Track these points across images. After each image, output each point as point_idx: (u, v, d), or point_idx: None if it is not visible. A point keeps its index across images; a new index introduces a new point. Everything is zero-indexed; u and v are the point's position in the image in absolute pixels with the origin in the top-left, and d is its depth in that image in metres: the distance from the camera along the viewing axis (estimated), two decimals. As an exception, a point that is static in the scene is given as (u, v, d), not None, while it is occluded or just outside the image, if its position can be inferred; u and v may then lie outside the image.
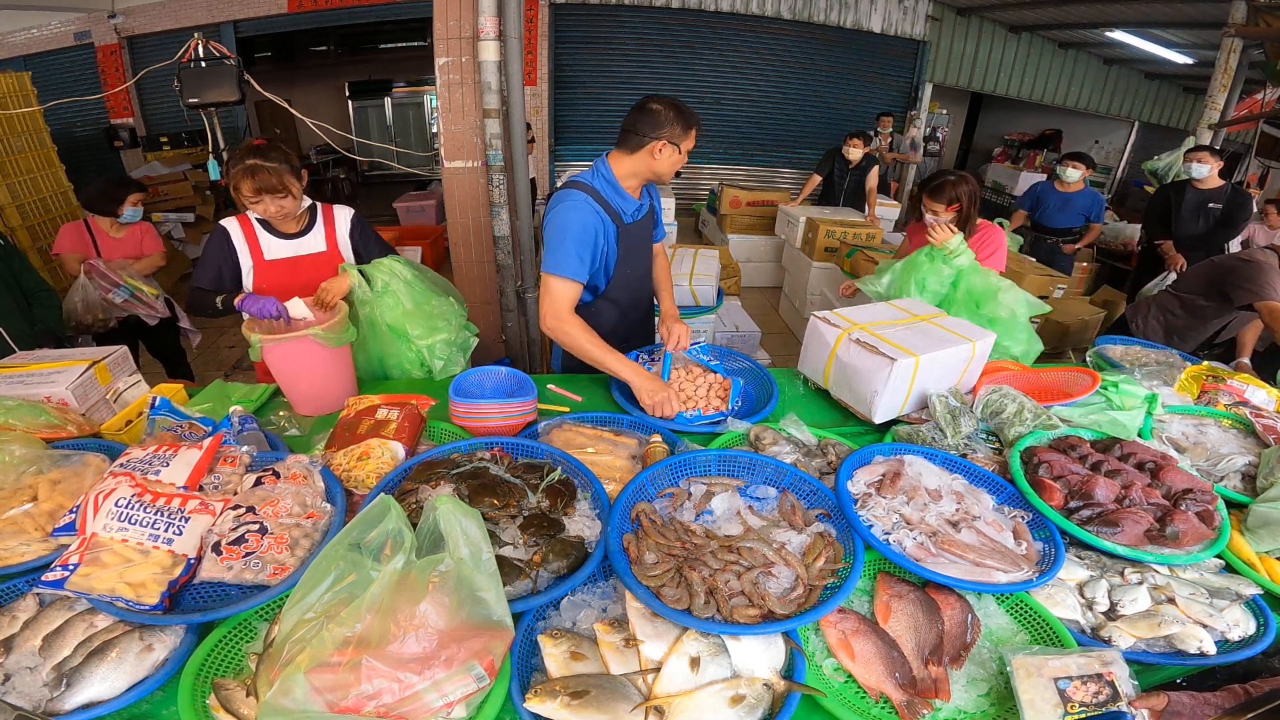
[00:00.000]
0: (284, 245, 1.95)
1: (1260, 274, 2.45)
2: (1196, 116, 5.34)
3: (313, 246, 1.99)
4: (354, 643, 0.80)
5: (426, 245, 5.90)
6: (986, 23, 8.29)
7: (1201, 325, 2.80)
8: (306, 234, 1.98)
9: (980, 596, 1.13)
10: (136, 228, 3.23)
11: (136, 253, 3.19)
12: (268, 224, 1.93)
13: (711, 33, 7.70)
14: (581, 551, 1.13)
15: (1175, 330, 2.85)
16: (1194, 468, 1.51)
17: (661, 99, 1.68)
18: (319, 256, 2.00)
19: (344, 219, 2.06)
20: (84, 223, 3.09)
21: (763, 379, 1.87)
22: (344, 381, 1.74)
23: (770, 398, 1.74)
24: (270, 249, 1.93)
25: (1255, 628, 1.12)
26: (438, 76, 2.97)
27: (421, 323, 1.90)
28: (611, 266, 1.84)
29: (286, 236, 1.95)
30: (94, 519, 1.05)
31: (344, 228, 2.05)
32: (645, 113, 1.66)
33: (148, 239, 3.27)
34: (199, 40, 3.92)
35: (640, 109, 1.67)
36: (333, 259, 2.02)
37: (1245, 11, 4.84)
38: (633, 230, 1.84)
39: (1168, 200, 4.13)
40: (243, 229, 1.91)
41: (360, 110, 10.68)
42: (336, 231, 2.04)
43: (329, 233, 2.02)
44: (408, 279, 1.91)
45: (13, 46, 7.07)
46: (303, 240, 1.98)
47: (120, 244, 3.14)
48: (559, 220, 1.69)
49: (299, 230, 1.97)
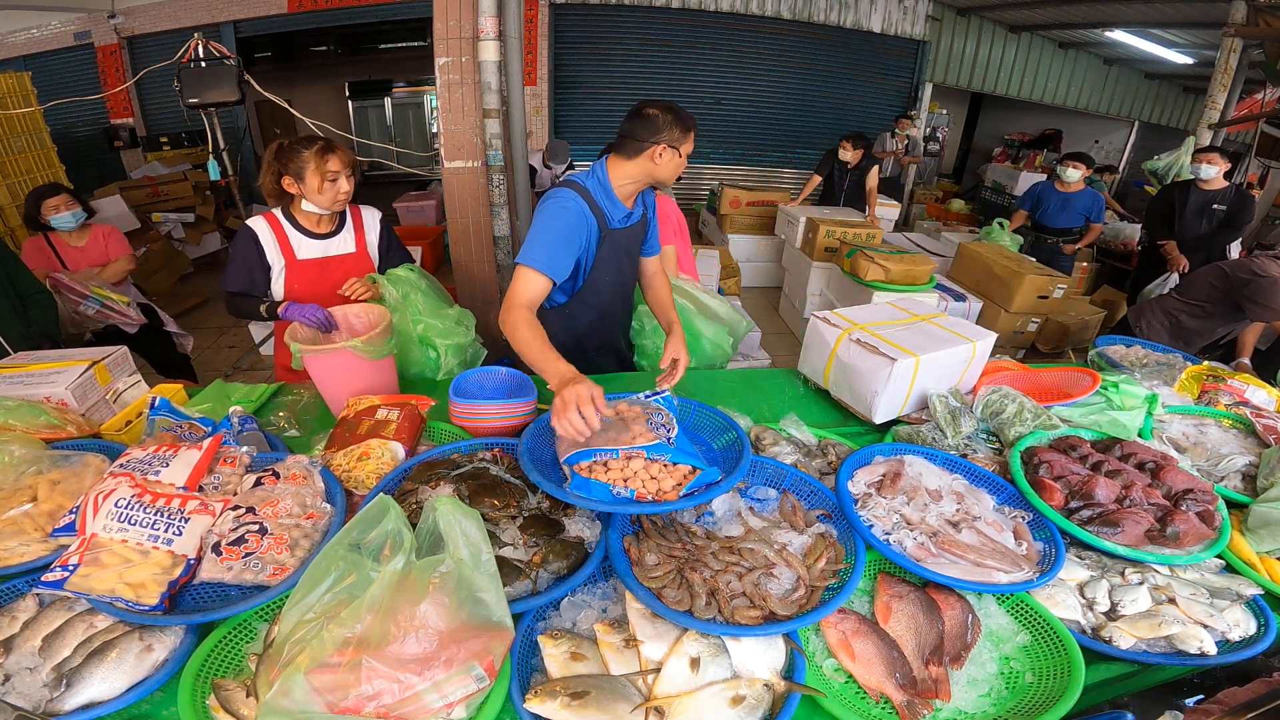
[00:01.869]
0: (314, 245, 1.93)
1: (1277, 289, 2.47)
2: (1196, 116, 5.34)
3: (342, 247, 1.98)
4: (354, 643, 0.80)
5: (426, 245, 5.89)
6: (986, 23, 8.29)
7: (1209, 332, 2.81)
8: (336, 235, 1.96)
9: (981, 597, 1.13)
10: (98, 233, 3.05)
11: (103, 259, 3.01)
12: (296, 223, 1.91)
13: (711, 33, 7.70)
14: (581, 552, 1.13)
15: (1182, 335, 2.85)
16: (1194, 468, 1.51)
17: (657, 103, 1.67)
18: (348, 258, 1.99)
19: (373, 221, 2.06)
20: (43, 236, 2.93)
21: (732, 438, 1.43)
22: (387, 389, 1.70)
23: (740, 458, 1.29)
24: (301, 248, 1.91)
25: (1256, 628, 1.12)
26: (438, 76, 2.97)
27: (442, 327, 1.92)
28: (589, 269, 1.80)
29: (317, 236, 1.93)
30: (94, 519, 1.05)
31: (373, 231, 2.05)
32: (642, 118, 1.64)
33: (112, 243, 3.08)
34: (199, 40, 3.93)
35: (636, 114, 1.65)
36: (362, 260, 2.01)
37: (1245, 11, 4.84)
38: (617, 236, 1.79)
39: (1171, 200, 4.13)
40: (272, 229, 1.88)
41: (360, 110, 10.67)
42: (366, 234, 2.03)
43: (359, 235, 2.02)
44: (423, 289, 1.93)
45: (13, 46, 7.07)
46: (332, 241, 1.96)
47: (84, 253, 2.98)
48: (543, 214, 1.68)
49: (330, 230, 1.95)
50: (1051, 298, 4.20)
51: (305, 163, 1.79)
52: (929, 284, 4.06)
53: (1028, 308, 4.21)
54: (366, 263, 2.04)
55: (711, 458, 1.36)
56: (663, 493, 1.15)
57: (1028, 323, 4.29)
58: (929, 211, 8.39)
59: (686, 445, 1.25)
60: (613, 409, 1.32)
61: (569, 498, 1.13)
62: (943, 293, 4.22)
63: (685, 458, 1.20)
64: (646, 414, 1.30)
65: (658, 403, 1.38)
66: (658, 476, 1.17)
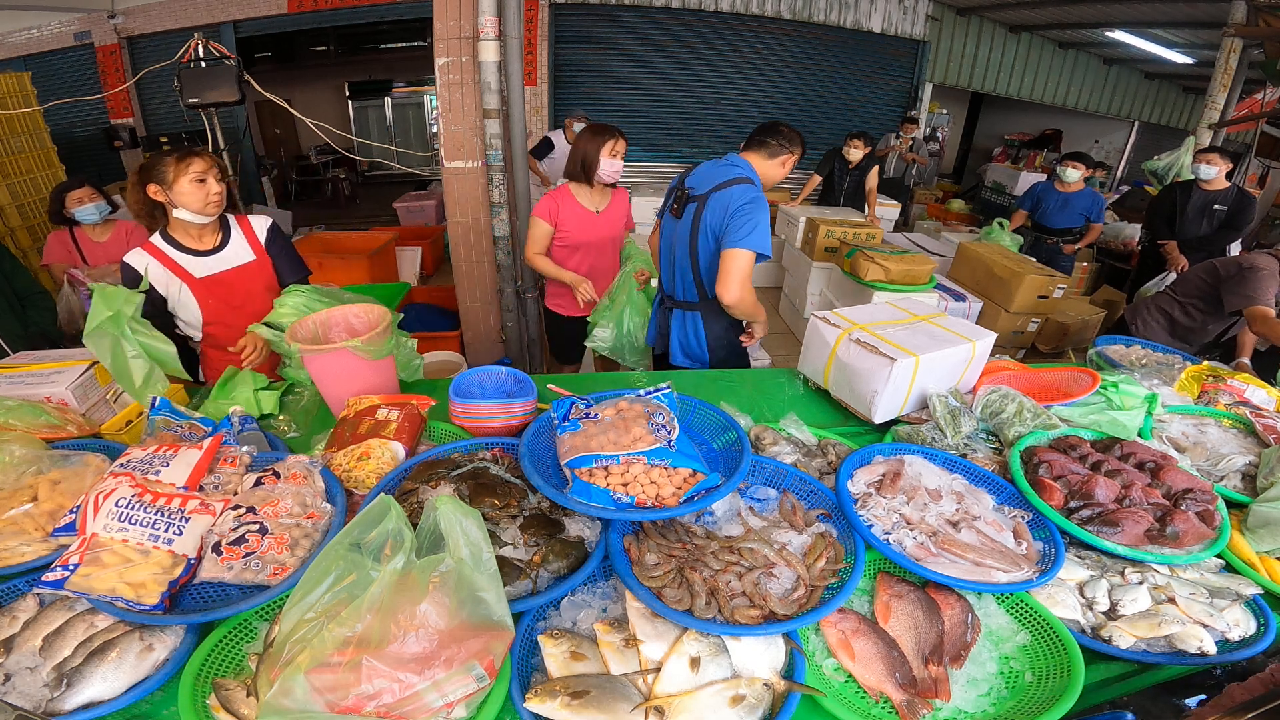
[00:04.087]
0: (206, 263, 1.85)
1: (1255, 278, 2.45)
2: (1196, 116, 5.34)
3: (239, 258, 1.92)
4: (354, 643, 0.80)
5: (426, 245, 5.89)
6: (986, 23, 8.29)
7: (1203, 329, 2.80)
8: (225, 247, 1.90)
9: (980, 596, 1.13)
10: (121, 229, 3.07)
11: (122, 255, 3.06)
12: (178, 244, 1.83)
13: (711, 33, 7.70)
14: (581, 552, 1.13)
15: (1178, 332, 2.84)
16: (1194, 467, 1.51)
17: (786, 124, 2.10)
18: (250, 266, 1.93)
19: (263, 227, 1.99)
20: (68, 230, 2.97)
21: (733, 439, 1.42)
22: (387, 389, 1.69)
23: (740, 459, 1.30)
24: (193, 267, 1.84)
25: (1255, 627, 1.12)
26: (438, 76, 2.97)
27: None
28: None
29: (204, 254, 1.86)
30: (94, 519, 1.05)
31: (263, 233, 1.98)
32: (781, 129, 2.08)
33: (135, 240, 3.04)
34: (199, 40, 3.93)
35: (777, 125, 2.08)
36: (264, 267, 1.95)
37: (1245, 11, 4.84)
38: None
39: (1173, 200, 4.13)
40: (152, 255, 1.80)
41: (360, 110, 10.68)
42: (259, 237, 1.97)
43: (252, 240, 1.95)
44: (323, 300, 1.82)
45: (13, 46, 7.07)
46: (224, 254, 1.89)
47: (105, 248, 3.01)
48: (760, 208, 1.96)
49: (216, 245, 1.89)
50: (1051, 298, 4.20)
51: (166, 168, 1.73)
52: (929, 284, 4.06)
53: (1028, 308, 4.21)
54: (269, 268, 1.98)
55: (711, 458, 1.36)
56: (662, 499, 1.16)
57: (1028, 323, 4.29)
58: (929, 211, 8.38)
59: (687, 447, 1.25)
60: (614, 407, 1.32)
61: (570, 503, 1.14)
62: (943, 293, 4.22)
63: (686, 461, 1.20)
64: (648, 413, 1.30)
65: (659, 400, 1.38)
66: (658, 481, 1.17)
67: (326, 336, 1.74)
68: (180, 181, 1.74)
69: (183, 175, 1.74)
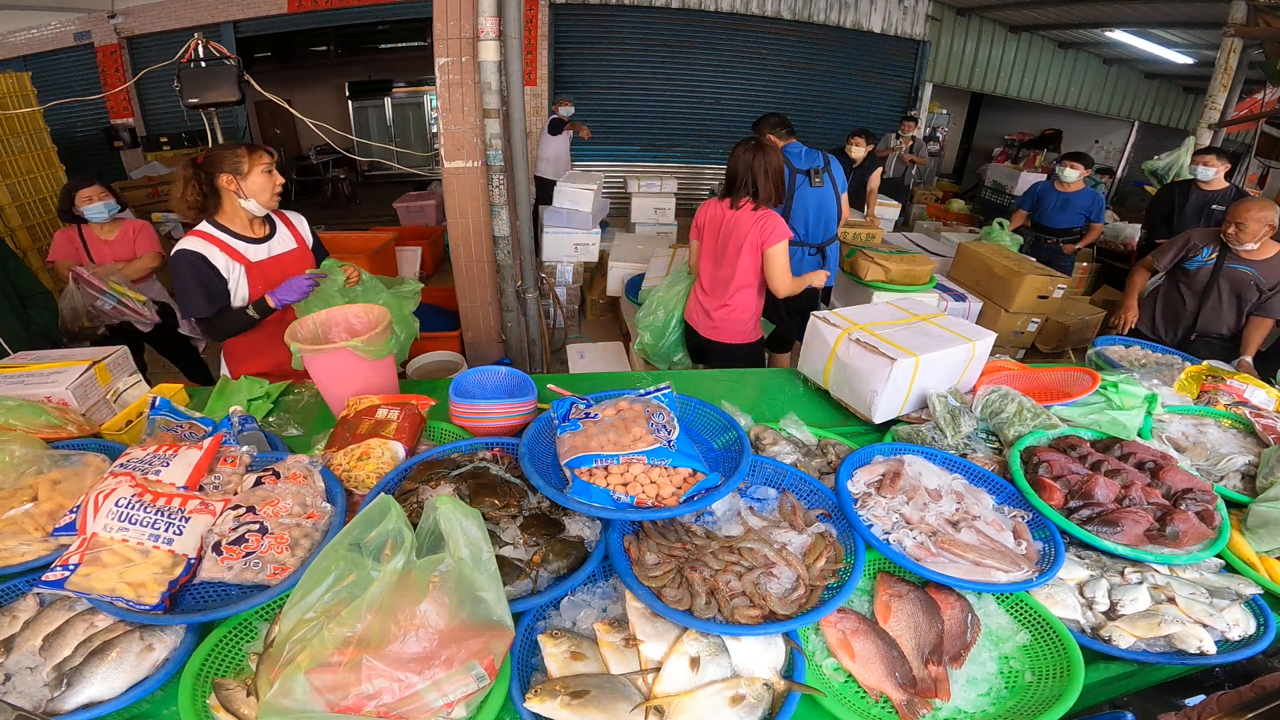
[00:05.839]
0: (259, 249, 1.96)
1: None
2: (1196, 116, 5.34)
3: (285, 245, 2.04)
4: (354, 643, 0.80)
5: (426, 245, 5.89)
6: (986, 23, 8.30)
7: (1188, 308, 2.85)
8: (273, 236, 2.02)
9: (980, 596, 1.13)
10: (129, 228, 3.07)
11: (130, 254, 3.03)
12: (231, 232, 1.90)
13: (711, 33, 7.71)
14: (581, 551, 1.13)
15: (1168, 313, 2.92)
16: (1194, 467, 1.51)
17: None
18: (294, 253, 2.05)
19: (301, 222, 2.15)
20: (76, 228, 2.97)
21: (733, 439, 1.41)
22: (387, 389, 1.68)
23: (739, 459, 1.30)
24: (249, 253, 1.93)
25: (1255, 627, 1.13)
26: (438, 76, 2.97)
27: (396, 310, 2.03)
28: None
29: (257, 241, 1.96)
30: (94, 519, 1.05)
31: (304, 226, 2.14)
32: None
33: (142, 239, 3.08)
34: (199, 40, 3.92)
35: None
36: (304, 254, 2.08)
37: (1245, 11, 4.84)
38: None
39: (1171, 200, 4.13)
40: (210, 242, 1.86)
41: (360, 110, 10.68)
42: (299, 229, 2.11)
43: (293, 232, 2.09)
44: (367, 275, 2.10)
45: (13, 46, 7.08)
46: (273, 242, 2.01)
47: (112, 246, 3.01)
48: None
49: (266, 234, 2.00)
50: (1051, 298, 4.19)
51: (240, 159, 1.84)
52: (929, 284, 4.06)
53: (1028, 308, 4.20)
54: (309, 256, 2.11)
55: (711, 457, 1.36)
56: (662, 499, 1.16)
57: (1028, 323, 4.29)
58: (929, 211, 8.39)
59: (687, 447, 1.25)
60: (613, 407, 1.32)
61: (569, 503, 1.14)
62: (943, 293, 4.22)
63: (686, 461, 1.20)
64: (648, 413, 1.30)
65: (659, 400, 1.38)
66: (657, 481, 1.18)
67: (326, 336, 1.74)
68: (254, 172, 1.86)
69: (256, 166, 1.86)
